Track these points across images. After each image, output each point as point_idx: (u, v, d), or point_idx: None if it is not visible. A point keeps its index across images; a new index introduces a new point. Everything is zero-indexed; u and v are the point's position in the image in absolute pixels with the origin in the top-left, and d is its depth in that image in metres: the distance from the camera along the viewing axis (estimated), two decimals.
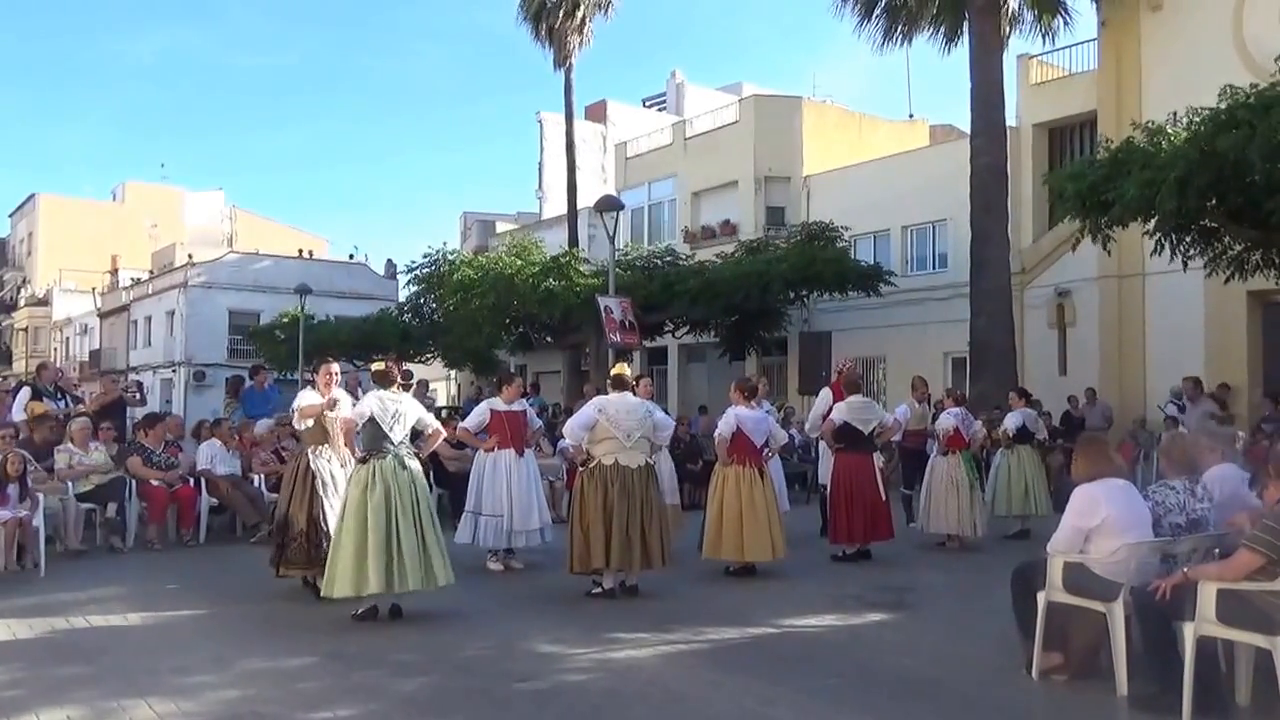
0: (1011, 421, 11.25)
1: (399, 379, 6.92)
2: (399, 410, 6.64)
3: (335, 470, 7.27)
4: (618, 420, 7.41)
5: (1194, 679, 4.61)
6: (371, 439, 6.59)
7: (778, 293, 19.82)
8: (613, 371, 7.83)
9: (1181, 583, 4.72)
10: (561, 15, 24.68)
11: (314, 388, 7.52)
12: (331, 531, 6.85)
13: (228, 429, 10.95)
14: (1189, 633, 4.65)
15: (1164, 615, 4.77)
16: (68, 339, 51.34)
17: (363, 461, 6.58)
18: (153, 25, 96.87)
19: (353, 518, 6.42)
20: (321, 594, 6.66)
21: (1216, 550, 5.20)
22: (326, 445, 7.30)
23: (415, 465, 6.71)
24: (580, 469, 7.58)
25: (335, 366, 7.47)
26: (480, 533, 8.50)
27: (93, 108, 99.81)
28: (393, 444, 6.58)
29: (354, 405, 6.99)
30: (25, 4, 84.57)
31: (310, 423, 7.20)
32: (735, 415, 8.52)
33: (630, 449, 7.45)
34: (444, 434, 7.66)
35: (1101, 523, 5.14)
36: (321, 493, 7.15)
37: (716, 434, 8.76)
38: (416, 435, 7.15)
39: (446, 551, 6.66)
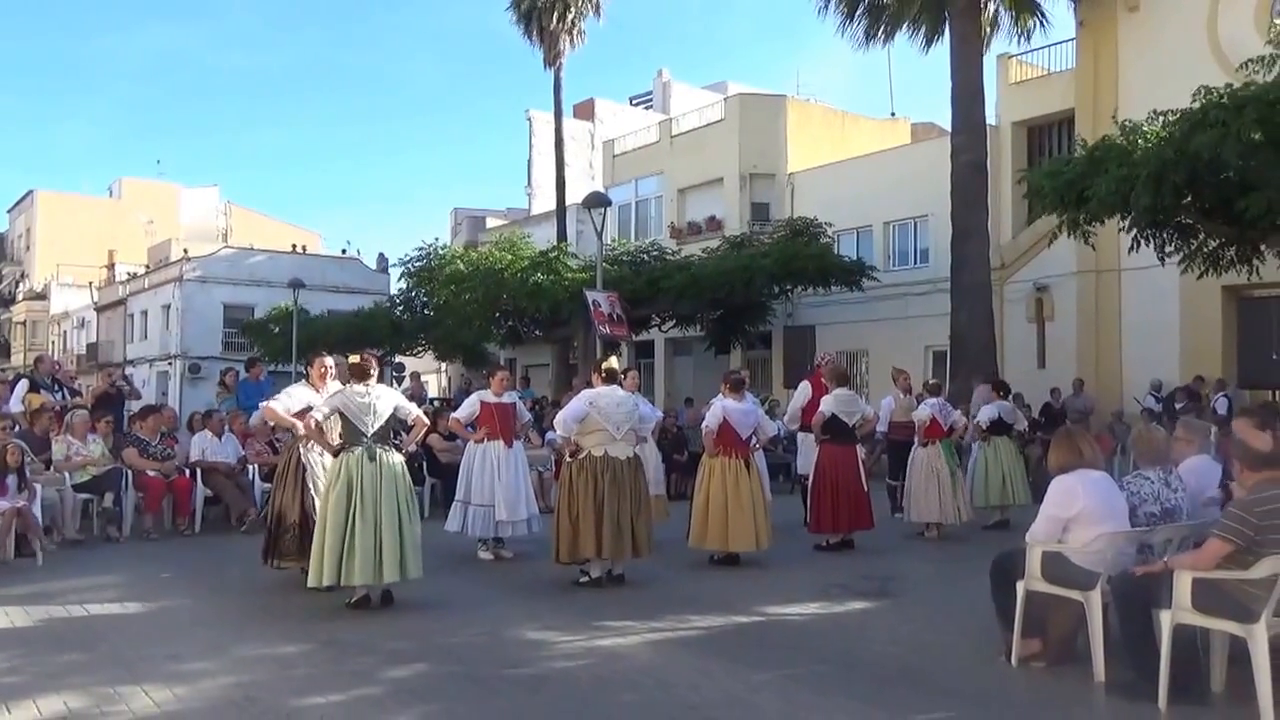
0: (986, 414, 11.39)
1: (374, 372, 6.96)
2: (370, 403, 6.64)
3: (327, 463, 7.31)
4: (607, 413, 7.49)
5: (1171, 666, 4.65)
6: (345, 433, 6.66)
7: (762, 287, 19.99)
8: (604, 365, 7.87)
9: (1160, 571, 4.78)
10: (555, 17, 24.83)
11: (307, 381, 7.62)
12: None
13: (219, 420, 11.00)
14: (1165, 621, 4.68)
15: (1144, 604, 4.81)
16: (65, 332, 51.98)
17: (336, 455, 6.67)
18: (148, 25, 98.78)
19: (320, 511, 6.58)
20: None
21: (1191, 540, 5.26)
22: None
23: (390, 457, 6.65)
24: (569, 460, 7.64)
25: (329, 360, 7.58)
26: (469, 522, 8.61)
27: (90, 106, 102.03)
28: (366, 436, 6.60)
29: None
30: (23, 5, 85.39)
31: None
32: (722, 407, 8.63)
33: (619, 441, 7.54)
34: (428, 423, 7.69)
35: (1079, 513, 5.21)
36: (312, 486, 7.26)
37: (704, 425, 8.87)
38: (408, 427, 7.22)
39: (414, 546, 6.59)
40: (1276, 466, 4.60)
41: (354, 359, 6.92)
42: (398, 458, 6.78)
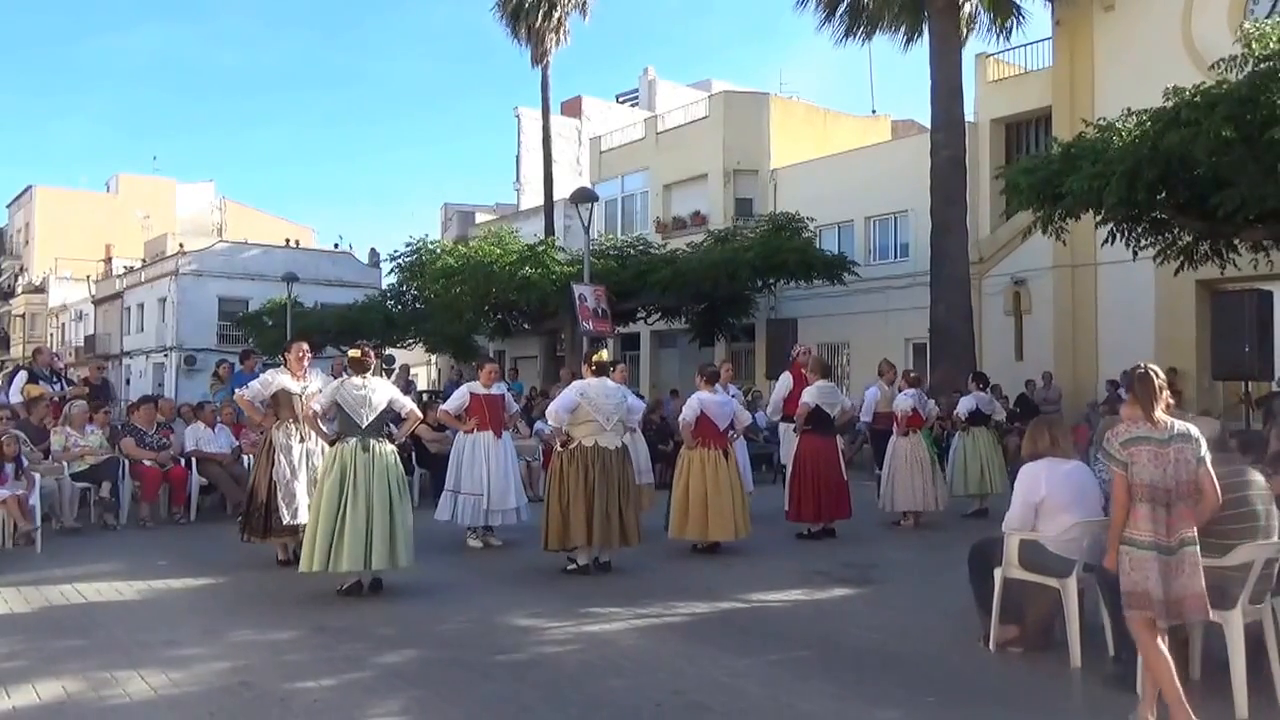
0: (964, 405, 11.56)
1: (373, 365, 7.09)
2: (366, 395, 6.75)
3: (295, 444, 7.58)
4: (598, 404, 7.59)
5: None
6: (341, 424, 6.79)
7: (745, 281, 20.15)
8: (595, 358, 7.98)
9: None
10: (540, 16, 24.91)
11: (285, 365, 7.81)
12: (282, 501, 7.41)
13: (210, 411, 11.11)
14: None
15: None
16: (63, 325, 52.72)
17: (331, 445, 6.80)
18: (145, 24, 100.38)
19: (314, 499, 6.71)
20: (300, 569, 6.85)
21: None
22: (292, 422, 7.63)
23: (383, 448, 6.75)
24: (560, 450, 7.73)
25: (305, 345, 8.01)
26: (459, 511, 8.71)
27: (87, 104, 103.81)
28: (361, 428, 6.70)
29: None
30: (22, 4, 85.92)
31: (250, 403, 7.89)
32: (698, 400, 8.71)
33: (609, 431, 7.64)
34: (420, 416, 7.86)
35: (1042, 500, 5.31)
36: (282, 460, 7.51)
37: (680, 418, 8.94)
38: (400, 419, 7.33)
39: (406, 535, 6.67)
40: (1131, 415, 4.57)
41: (353, 353, 7.03)
42: (390, 448, 6.88)
